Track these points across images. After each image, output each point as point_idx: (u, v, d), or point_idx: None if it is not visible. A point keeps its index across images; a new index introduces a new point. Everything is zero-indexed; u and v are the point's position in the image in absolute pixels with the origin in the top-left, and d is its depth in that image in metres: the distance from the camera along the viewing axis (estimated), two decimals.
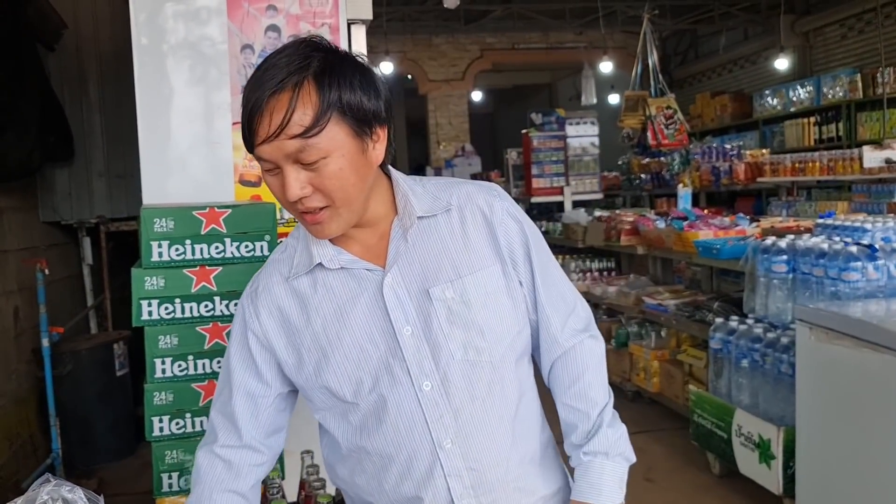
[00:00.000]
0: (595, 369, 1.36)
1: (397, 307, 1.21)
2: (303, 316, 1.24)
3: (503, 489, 1.26)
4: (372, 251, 1.24)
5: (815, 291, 3.44)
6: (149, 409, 1.98)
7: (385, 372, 1.21)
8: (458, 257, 1.24)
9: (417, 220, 1.23)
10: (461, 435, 1.22)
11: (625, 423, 1.40)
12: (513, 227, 1.28)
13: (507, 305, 1.26)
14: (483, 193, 1.29)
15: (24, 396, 4.22)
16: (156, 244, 1.96)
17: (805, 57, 9.94)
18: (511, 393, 1.28)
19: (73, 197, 4.78)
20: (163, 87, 2.52)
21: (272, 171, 1.15)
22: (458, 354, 1.21)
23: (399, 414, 1.21)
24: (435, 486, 1.22)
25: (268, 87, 1.09)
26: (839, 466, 2.91)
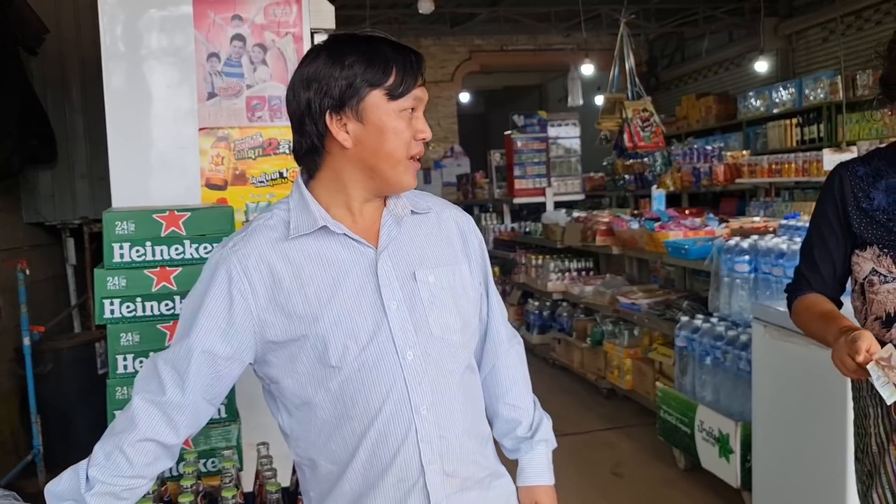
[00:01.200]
0: (526, 371, 1.60)
1: (387, 284, 1.32)
2: (295, 280, 1.29)
3: (463, 460, 1.37)
4: (364, 230, 1.34)
5: (774, 290, 3.54)
6: (111, 403, 2.07)
7: (371, 341, 1.30)
8: (438, 250, 1.40)
9: (412, 213, 1.40)
10: (435, 404, 1.33)
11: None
12: (476, 241, 1.49)
13: (473, 299, 1.44)
14: (452, 208, 1.51)
15: (6, 394, 4.30)
16: (117, 246, 2.05)
17: (788, 59, 10.06)
18: (473, 376, 1.45)
19: (56, 198, 4.86)
20: (131, 94, 2.61)
21: (406, 113, 1.30)
22: (436, 332, 1.34)
23: (383, 379, 1.30)
24: (408, 450, 1.31)
25: (397, 44, 1.32)
26: (792, 459, 3.01)
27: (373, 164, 1.30)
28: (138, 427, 1.31)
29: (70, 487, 1.32)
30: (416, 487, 1.32)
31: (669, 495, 3.72)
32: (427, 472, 1.32)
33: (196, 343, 1.30)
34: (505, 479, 1.48)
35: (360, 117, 1.28)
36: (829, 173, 1.83)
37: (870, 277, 1.72)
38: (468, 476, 1.38)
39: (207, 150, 2.64)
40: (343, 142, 1.28)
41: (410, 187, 1.36)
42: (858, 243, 1.75)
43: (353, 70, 1.26)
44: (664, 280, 5.47)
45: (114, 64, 2.60)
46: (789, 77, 9.73)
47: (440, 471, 1.33)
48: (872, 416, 1.82)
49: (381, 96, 1.27)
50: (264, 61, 2.65)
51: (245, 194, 2.65)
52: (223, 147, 2.64)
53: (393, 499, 1.32)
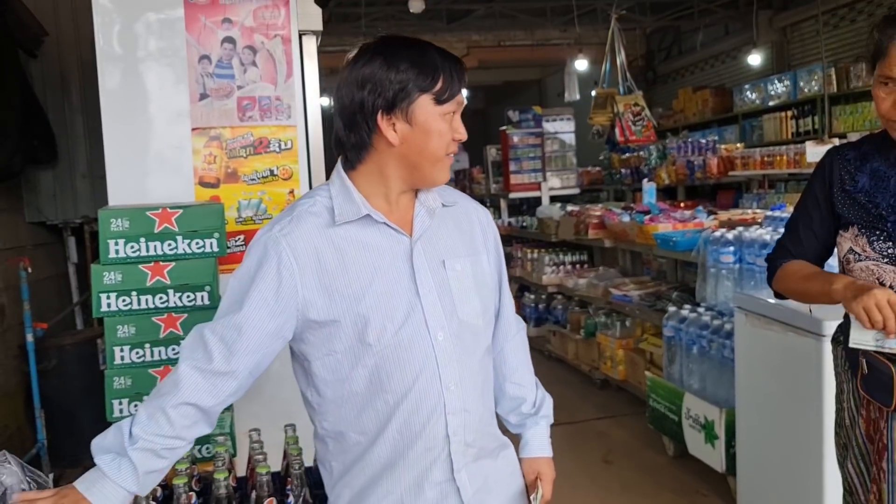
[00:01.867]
0: (528, 354, 1.76)
1: (422, 270, 1.44)
2: (339, 264, 1.40)
3: (480, 432, 1.52)
4: (399, 219, 1.46)
5: (758, 280, 3.62)
6: (109, 392, 2.17)
7: (406, 321, 1.42)
8: (463, 241, 1.53)
9: (441, 206, 1.52)
10: (461, 380, 1.46)
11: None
12: (493, 235, 1.63)
13: (490, 287, 1.58)
14: (475, 204, 1.64)
15: (11, 390, 4.41)
16: (112, 242, 2.14)
17: (783, 52, 10.11)
18: (489, 357, 1.58)
19: (57, 198, 4.96)
20: (126, 95, 2.70)
21: (448, 116, 1.42)
22: (462, 316, 1.47)
23: (416, 355, 1.43)
24: (436, 422, 1.44)
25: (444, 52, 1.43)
26: (774, 443, 3.09)
27: (416, 162, 1.42)
28: (181, 391, 1.41)
29: (114, 442, 1.44)
30: (441, 456, 1.46)
31: (658, 481, 3.81)
32: (452, 443, 1.45)
33: (246, 318, 1.39)
34: (510, 450, 1.63)
35: (409, 119, 1.39)
36: (823, 155, 1.91)
37: (847, 256, 1.80)
38: (483, 446, 1.52)
39: (200, 149, 2.73)
40: (391, 140, 1.39)
41: (444, 181, 1.48)
42: (842, 224, 1.82)
43: (406, 75, 1.37)
44: (656, 272, 5.55)
45: (109, 66, 2.69)
46: (784, 69, 9.79)
47: (462, 441, 1.47)
48: (846, 391, 1.91)
49: (429, 100, 1.38)
50: (254, 63, 2.73)
51: (237, 192, 2.74)
52: (215, 146, 2.73)
53: (420, 466, 1.45)
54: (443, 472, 1.46)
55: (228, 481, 1.89)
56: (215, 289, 2.24)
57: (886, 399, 1.68)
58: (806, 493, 2.86)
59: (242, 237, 2.75)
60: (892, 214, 1.70)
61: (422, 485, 1.46)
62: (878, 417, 1.73)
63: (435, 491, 1.46)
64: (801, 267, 1.86)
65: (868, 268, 1.72)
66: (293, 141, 2.77)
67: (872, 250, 1.71)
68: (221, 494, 1.85)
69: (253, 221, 2.75)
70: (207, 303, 2.21)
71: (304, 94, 2.83)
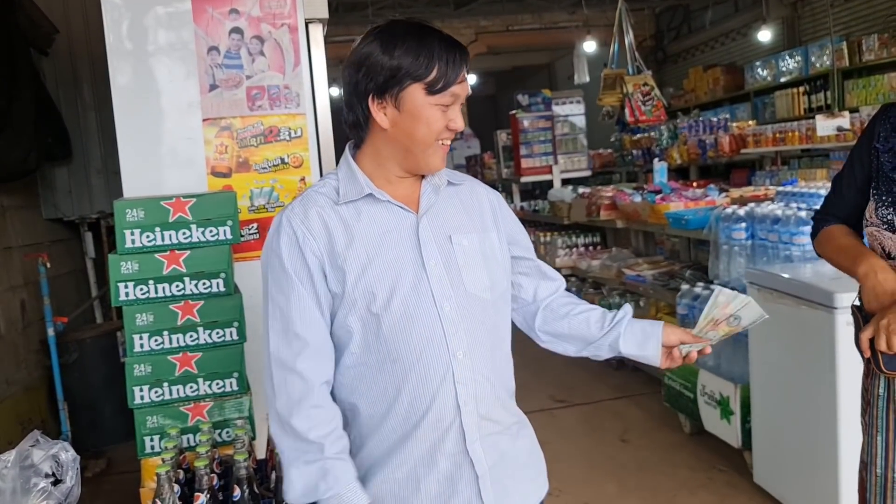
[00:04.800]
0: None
1: (428, 243, 1.47)
2: (347, 236, 1.45)
3: (493, 403, 1.52)
4: (405, 198, 1.50)
5: (770, 256, 3.62)
6: (130, 379, 2.21)
7: (413, 290, 1.45)
8: (472, 218, 1.55)
9: (448, 184, 1.55)
10: (471, 349, 1.47)
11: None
12: (508, 213, 1.64)
13: (501, 263, 1.57)
14: (484, 186, 1.65)
15: (34, 384, 4.49)
16: (129, 232, 2.18)
17: (793, 27, 10.00)
18: (503, 332, 1.58)
19: (73, 194, 5.02)
20: (137, 89, 2.74)
21: (446, 107, 1.43)
22: (470, 288, 1.49)
23: (423, 326, 1.45)
24: (446, 391, 1.46)
25: (457, 43, 1.42)
26: (789, 418, 3.10)
27: (406, 146, 1.45)
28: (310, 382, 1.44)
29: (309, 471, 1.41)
30: (453, 426, 1.47)
31: (674, 458, 3.82)
32: (463, 413, 1.46)
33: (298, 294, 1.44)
34: (529, 429, 1.64)
35: (398, 105, 1.41)
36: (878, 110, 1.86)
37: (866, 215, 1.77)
38: (499, 420, 1.53)
39: (212, 139, 2.76)
40: (381, 123, 1.43)
41: (438, 168, 1.49)
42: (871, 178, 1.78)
43: (399, 61, 1.38)
44: (669, 252, 5.55)
45: (119, 61, 2.73)
46: (795, 45, 9.68)
47: (475, 412, 1.47)
48: None
49: (419, 89, 1.40)
50: (262, 52, 2.76)
51: (249, 180, 2.78)
52: (226, 136, 2.77)
53: (432, 437, 1.46)
54: (455, 443, 1.47)
55: (248, 463, 1.93)
56: (230, 276, 2.27)
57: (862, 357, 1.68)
58: (822, 466, 2.87)
59: (256, 225, 2.79)
60: None
61: (434, 455, 1.47)
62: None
63: (449, 462, 1.47)
64: (837, 234, 1.83)
65: (872, 233, 1.71)
66: (303, 129, 2.80)
67: (876, 216, 1.70)
68: (242, 475, 1.90)
69: (266, 209, 2.79)
70: (223, 290, 2.25)
71: (312, 82, 2.86)
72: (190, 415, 2.25)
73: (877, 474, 1.70)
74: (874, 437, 1.70)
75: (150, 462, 2.20)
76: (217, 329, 2.25)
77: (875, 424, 1.70)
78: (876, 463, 1.70)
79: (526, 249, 1.67)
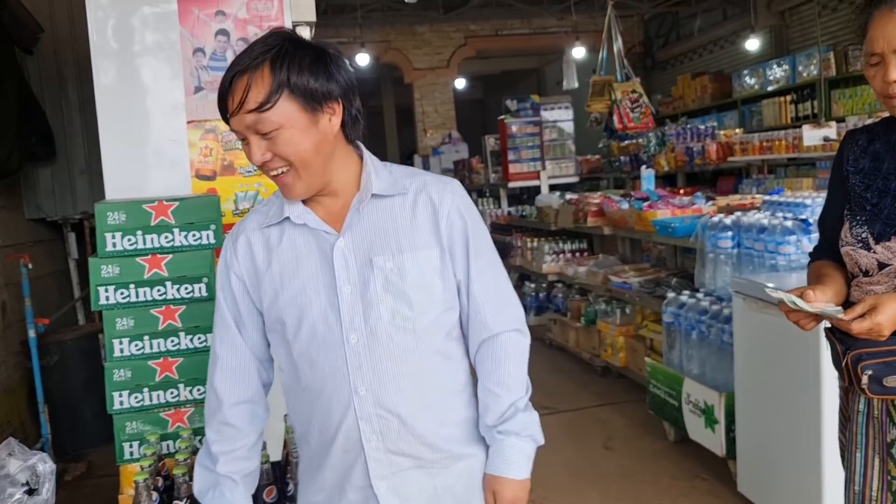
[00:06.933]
0: (517, 361, 1.52)
1: (342, 267, 1.40)
2: (266, 260, 1.44)
3: (405, 440, 1.43)
4: (333, 217, 1.43)
5: (756, 265, 3.62)
6: (109, 385, 2.18)
7: (321, 320, 1.41)
8: (402, 235, 1.42)
9: (372, 196, 1.42)
10: (375, 385, 1.40)
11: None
12: (457, 223, 1.45)
13: (437, 285, 1.44)
14: (438, 186, 1.47)
15: (13, 386, 4.43)
16: (110, 235, 2.15)
17: (782, 36, 10.07)
18: (432, 362, 1.45)
19: (56, 194, 4.98)
20: (121, 90, 2.70)
21: (243, 141, 1.36)
22: (386, 317, 1.40)
23: (326, 357, 1.41)
24: (348, 425, 1.42)
25: (233, 70, 1.33)
26: (774, 427, 3.10)
27: None
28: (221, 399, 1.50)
29: (205, 476, 1.51)
30: (358, 461, 1.43)
31: (658, 466, 3.82)
32: (366, 448, 1.42)
33: (219, 306, 1.50)
34: (468, 461, 1.51)
35: None
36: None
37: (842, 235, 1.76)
38: (417, 456, 1.45)
39: (196, 142, 2.73)
40: None
41: (288, 197, 1.40)
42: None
43: None
44: (656, 259, 5.55)
45: (103, 61, 2.70)
46: (783, 54, 9.75)
47: (382, 448, 1.42)
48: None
49: None
50: None
51: (234, 184, 2.75)
52: (211, 139, 2.74)
53: (342, 467, 1.45)
54: (362, 477, 1.44)
55: None
56: (213, 280, 2.25)
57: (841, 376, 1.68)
58: (806, 475, 2.88)
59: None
60: (875, 198, 1.67)
61: (344, 486, 1.46)
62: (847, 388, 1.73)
63: (357, 495, 1.45)
64: (814, 269, 1.84)
65: (847, 253, 1.70)
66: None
67: (851, 235, 1.69)
68: None
69: None
70: (205, 294, 2.22)
71: None
72: (170, 421, 2.22)
73: (855, 491, 1.70)
74: (853, 454, 1.70)
75: (129, 468, 2.17)
76: (199, 334, 2.23)
77: (854, 441, 1.69)
78: (854, 480, 1.70)
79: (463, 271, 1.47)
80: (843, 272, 1.76)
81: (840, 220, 1.77)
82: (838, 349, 1.63)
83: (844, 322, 1.54)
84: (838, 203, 1.79)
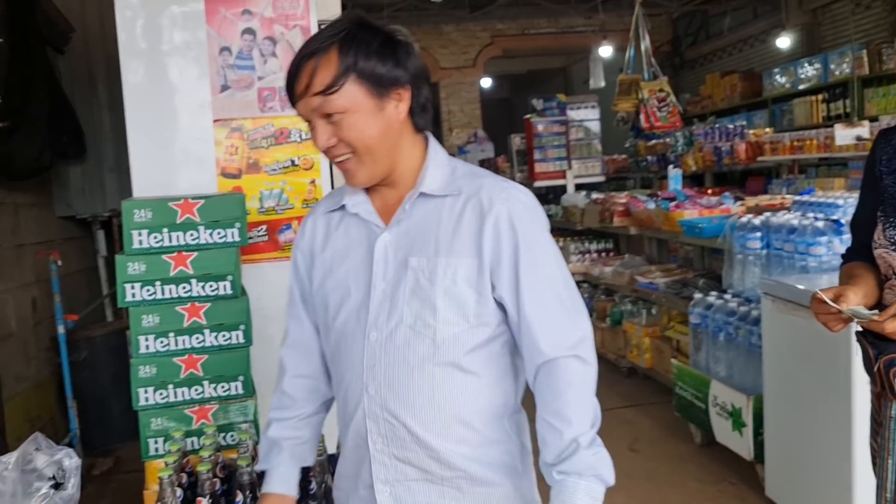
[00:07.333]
0: (578, 390, 1.35)
1: (381, 262, 1.37)
2: (323, 243, 1.46)
3: (416, 452, 1.36)
4: (387, 209, 1.40)
5: (786, 266, 3.57)
6: (134, 381, 2.20)
7: (355, 311, 1.40)
8: (442, 239, 1.34)
9: (420, 195, 1.37)
10: (385, 387, 1.36)
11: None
12: (504, 232, 1.32)
13: (469, 298, 1.33)
14: (494, 192, 1.35)
15: (44, 381, 4.50)
16: (136, 233, 2.17)
17: (813, 34, 9.91)
18: (450, 376, 1.35)
19: (86, 192, 5.04)
20: (148, 89, 2.73)
21: (309, 125, 1.35)
22: (409, 321, 1.34)
23: (349, 349, 1.41)
24: (357, 421, 1.41)
25: (301, 53, 1.32)
26: (803, 431, 3.05)
27: None
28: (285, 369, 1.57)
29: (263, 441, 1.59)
30: (365, 459, 1.41)
31: (684, 469, 3.78)
32: (371, 449, 1.39)
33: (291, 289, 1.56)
34: (489, 488, 1.39)
35: None
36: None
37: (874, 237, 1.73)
38: (426, 469, 1.37)
39: (222, 140, 2.75)
40: None
41: (351, 185, 1.39)
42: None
43: None
44: (683, 259, 5.50)
45: (131, 60, 2.72)
46: (815, 52, 9.59)
47: (387, 452, 1.38)
48: None
49: None
50: (274, 53, 2.75)
51: (259, 182, 2.76)
52: (237, 137, 2.75)
53: (354, 461, 1.45)
54: (368, 476, 1.41)
55: (251, 468, 1.90)
56: (237, 278, 2.25)
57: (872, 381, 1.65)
58: (836, 480, 2.82)
59: (265, 227, 2.77)
60: None
61: (357, 481, 1.45)
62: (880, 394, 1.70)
63: (366, 492, 1.42)
64: (846, 270, 1.81)
65: (880, 255, 1.67)
66: None
67: (884, 237, 1.65)
68: (245, 481, 1.87)
69: (275, 212, 2.77)
70: (230, 292, 2.23)
71: None
72: (194, 417, 2.23)
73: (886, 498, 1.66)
74: (885, 460, 1.66)
75: (154, 464, 2.18)
76: (223, 332, 2.23)
77: (886, 447, 1.66)
78: (886, 487, 1.66)
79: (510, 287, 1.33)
80: (875, 274, 1.72)
81: (872, 221, 1.74)
82: (870, 353, 1.60)
83: (877, 323, 1.51)
84: (870, 204, 1.76)
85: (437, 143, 1.44)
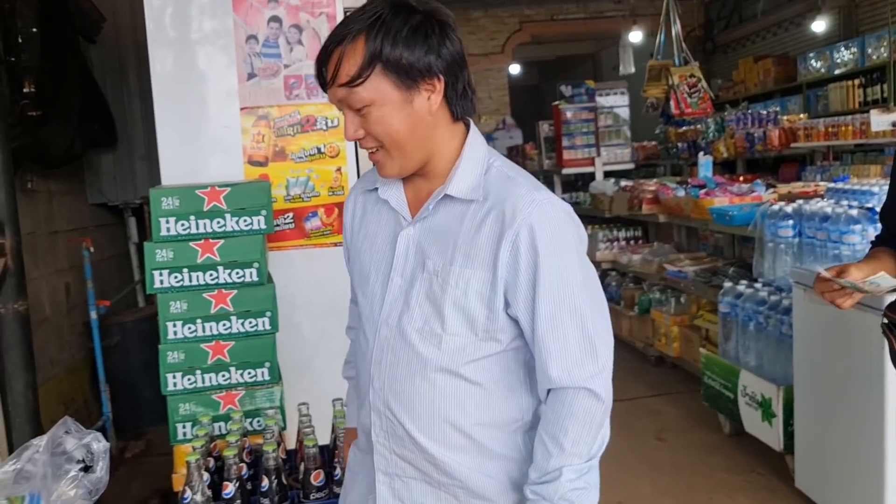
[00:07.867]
0: (580, 424, 1.27)
1: (402, 256, 1.33)
2: (360, 221, 1.45)
3: (413, 452, 1.34)
4: (418, 201, 1.34)
5: (818, 255, 3.50)
6: (163, 366, 2.23)
7: (370, 302, 1.39)
8: (460, 247, 1.28)
9: (444, 196, 1.30)
10: (387, 384, 1.34)
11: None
12: (523, 249, 1.24)
13: (479, 313, 1.28)
14: (520, 204, 1.25)
15: (77, 366, 4.59)
16: (164, 220, 2.20)
17: (850, 17, 9.68)
18: (453, 384, 1.31)
19: (117, 180, 5.11)
20: (176, 77, 2.75)
21: (343, 113, 1.31)
22: (418, 323, 1.30)
23: (366, 337, 1.40)
24: (365, 411, 1.40)
25: (330, 39, 1.25)
26: (834, 422, 3.01)
27: None
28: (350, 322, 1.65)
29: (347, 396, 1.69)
30: (370, 447, 1.40)
31: (712, 460, 3.74)
32: (374, 440, 1.38)
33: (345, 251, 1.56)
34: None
35: None
36: None
37: None
38: (424, 471, 1.35)
39: (249, 128, 2.77)
40: None
41: (381, 175, 1.35)
42: None
43: None
44: (713, 247, 5.43)
45: (159, 49, 2.75)
46: (852, 36, 9.37)
47: (388, 446, 1.36)
48: None
49: None
50: (300, 41, 2.75)
51: (285, 169, 2.77)
52: (263, 125, 2.77)
53: (366, 443, 1.42)
54: (371, 463, 1.41)
55: (278, 453, 1.93)
56: (263, 265, 2.27)
57: None
58: (867, 472, 2.78)
59: (291, 214, 2.79)
60: None
61: (366, 459, 1.43)
62: None
63: (369, 477, 1.42)
64: (870, 253, 1.81)
65: None
66: (339, 118, 2.78)
67: None
68: (271, 466, 1.90)
69: (301, 199, 2.79)
70: (256, 279, 2.25)
71: None
72: (221, 403, 2.27)
73: None
74: None
75: (182, 448, 2.22)
76: (250, 318, 2.26)
77: None
78: None
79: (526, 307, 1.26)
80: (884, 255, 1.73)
81: None
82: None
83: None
84: None
85: (476, 135, 1.36)
